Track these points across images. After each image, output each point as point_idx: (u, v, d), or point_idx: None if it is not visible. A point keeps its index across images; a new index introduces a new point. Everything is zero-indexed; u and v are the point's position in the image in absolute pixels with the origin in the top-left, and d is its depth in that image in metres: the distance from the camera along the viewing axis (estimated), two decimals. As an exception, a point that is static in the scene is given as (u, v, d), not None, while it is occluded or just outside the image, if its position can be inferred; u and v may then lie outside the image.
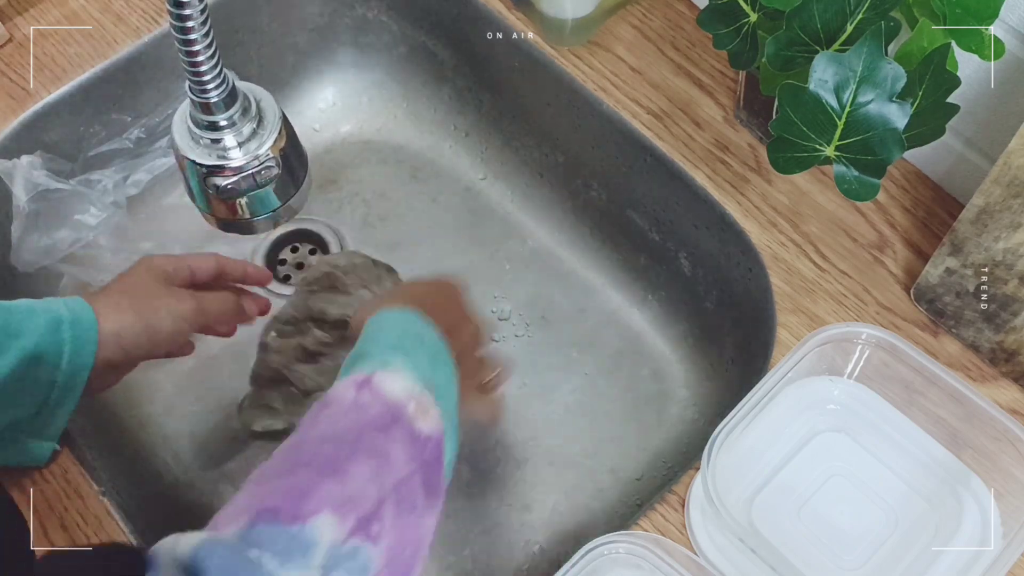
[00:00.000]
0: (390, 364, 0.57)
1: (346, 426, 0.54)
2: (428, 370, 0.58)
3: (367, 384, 0.56)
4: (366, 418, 0.54)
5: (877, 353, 0.73)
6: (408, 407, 0.55)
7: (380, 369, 0.56)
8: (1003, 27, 0.70)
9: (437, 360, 0.60)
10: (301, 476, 0.51)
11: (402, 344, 0.59)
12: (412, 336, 0.61)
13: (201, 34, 0.53)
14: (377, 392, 0.55)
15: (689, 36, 0.91)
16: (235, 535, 0.48)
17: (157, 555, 0.47)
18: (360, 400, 0.55)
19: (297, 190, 0.62)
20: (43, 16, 0.92)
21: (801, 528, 0.70)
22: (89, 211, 0.84)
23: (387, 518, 0.51)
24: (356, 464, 0.52)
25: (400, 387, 0.56)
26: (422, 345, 0.60)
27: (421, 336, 0.61)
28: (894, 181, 0.83)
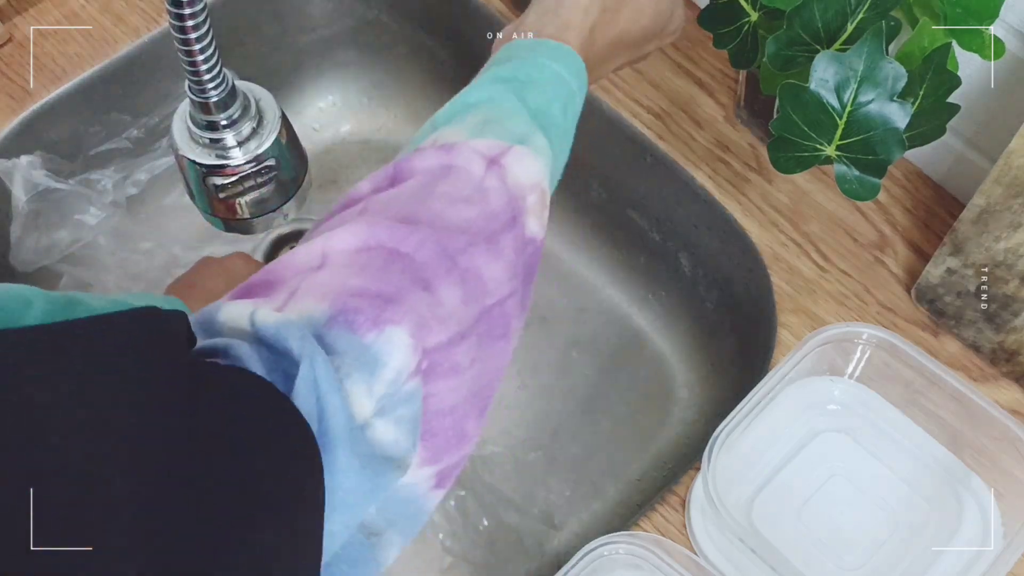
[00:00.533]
0: (527, 140, 0.52)
1: (461, 219, 0.48)
2: (561, 148, 0.54)
3: (496, 163, 0.50)
4: (486, 213, 0.49)
5: (878, 353, 0.73)
6: (528, 198, 0.50)
7: (516, 143, 0.51)
8: (1003, 27, 0.70)
9: (571, 130, 0.56)
10: (394, 279, 0.45)
11: (548, 117, 0.54)
12: (561, 102, 0.55)
13: (200, 34, 0.53)
14: (505, 175, 0.50)
15: (689, 35, 0.91)
16: (315, 323, 0.43)
17: (214, 321, 0.43)
18: (485, 183, 0.50)
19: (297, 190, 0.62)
20: (43, 16, 0.92)
21: (801, 528, 0.70)
22: (89, 211, 0.84)
23: (468, 351, 0.47)
24: (452, 283, 0.46)
25: (529, 174, 0.51)
26: (564, 115, 0.55)
27: (568, 100, 0.56)
28: (895, 181, 0.83)
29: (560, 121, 0.55)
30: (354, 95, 1.04)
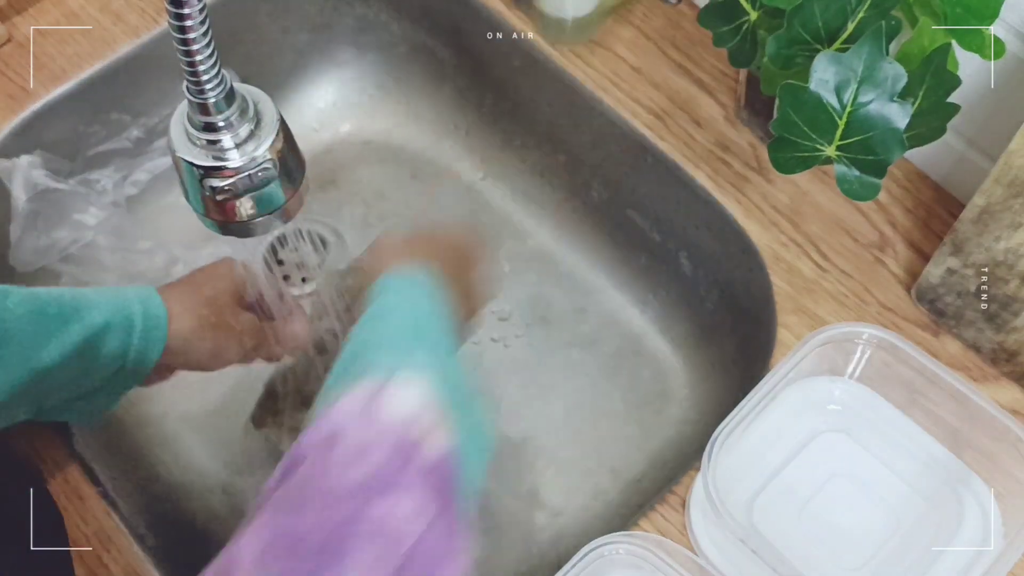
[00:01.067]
0: (399, 368, 0.52)
1: (349, 486, 0.49)
2: (438, 364, 0.55)
3: (374, 408, 0.51)
4: (370, 469, 0.50)
5: (878, 353, 0.73)
6: (417, 426, 0.51)
7: (395, 373, 0.52)
8: (1003, 27, 0.70)
9: (444, 340, 0.57)
10: (305, 567, 0.46)
11: (417, 332, 0.55)
12: (424, 317, 0.57)
13: (199, 34, 0.53)
14: (385, 420, 0.51)
15: (689, 35, 0.91)
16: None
17: None
18: (366, 438, 0.50)
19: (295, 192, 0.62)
20: (43, 16, 0.92)
21: (802, 529, 0.70)
22: (88, 211, 0.84)
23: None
24: (362, 547, 0.47)
25: (410, 401, 0.51)
26: (436, 323, 0.57)
27: (432, 312, 0.57)
28: (895, 181, 0.83)
29: (432, 331, 0.57)
30: (354, 95, 1.04)
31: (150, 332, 0.64)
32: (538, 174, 0.98)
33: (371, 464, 0.50)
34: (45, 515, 0.66)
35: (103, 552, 0.69)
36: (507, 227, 0.98)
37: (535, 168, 0.97)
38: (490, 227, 0.98)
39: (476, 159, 1.01)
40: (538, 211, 0.98)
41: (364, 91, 1.04)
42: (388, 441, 0.51)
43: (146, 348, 0.64)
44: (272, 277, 0.74)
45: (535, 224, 0.98)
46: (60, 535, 0.67)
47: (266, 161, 0.58)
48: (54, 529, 0.68)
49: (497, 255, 0.72)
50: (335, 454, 0.50)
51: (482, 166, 1.00)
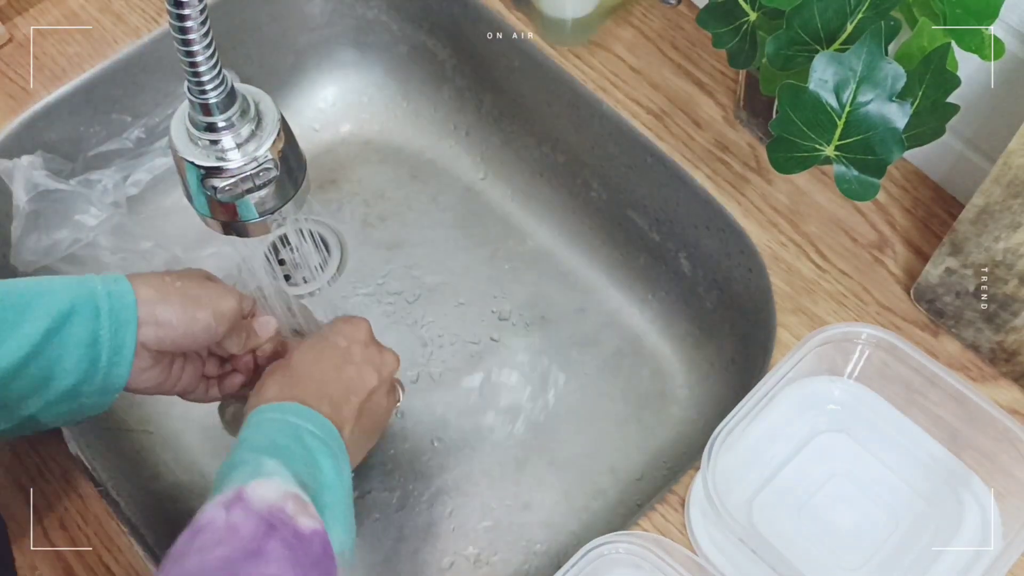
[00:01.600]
0: (260, 471, 0.55)
1: (215, 560, 0.51)
2: (305, 468, 0.57)
3: (238, 500, 0.54)
4: (238, 544, 0.52)
5: (877, 353, 0.73)
6: (286, 507, 0.54)
7: (252, 479, 0.55)
8: (1003, 27, 0.70)
9: (315, 453, 0.59)
10: None
11: (276, 443, 0.58)
12: (287, 432, 0.59)
13: (200, 34, 0.53)
14: (249, 505, 0.53)
15: (689, 36, 0.91)
16: None
17: None
18: (232, 520, 0.53)
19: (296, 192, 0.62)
20: (43, 16, 0.92)
21: (801, 528, 0.70)
22: (89, 211, 0.84)
23: None
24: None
25: (273, 491, 0.54)
26: (298, 441, 0.59)
27: (297, 429, 0.60)
28: (894, 181, 0.83)
29: (292, 445, 0.59)
30: (354, 95, 1.04)
31: (118, 313, 0.61)
32: (538, 174, 0.98)
33: (237, 540, 0.52)
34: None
35: (103, 552, 0.69)
36: (507, 227, 0.98)
37: (535, 168, 0.98)
38: (490, 227, 0.98)
39: (476, 159, 1.01)
40: (538, 211, 0.98)
41: (364, 91, 1.04)
42: (253, 519, 0.53)
43: (118, 329, 0.61)
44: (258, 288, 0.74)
45: (535, 224, 0.98)
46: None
47: (267, 161, 0.58)
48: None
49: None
50: (198, 541, 0.53)
51: (482, 166, 1.01)
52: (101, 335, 0.61)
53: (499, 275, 0.95)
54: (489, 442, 0.87)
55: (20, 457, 0.72)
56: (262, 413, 0.61)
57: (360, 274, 0.95)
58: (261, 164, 0.58)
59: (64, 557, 0.69)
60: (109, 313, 0.61)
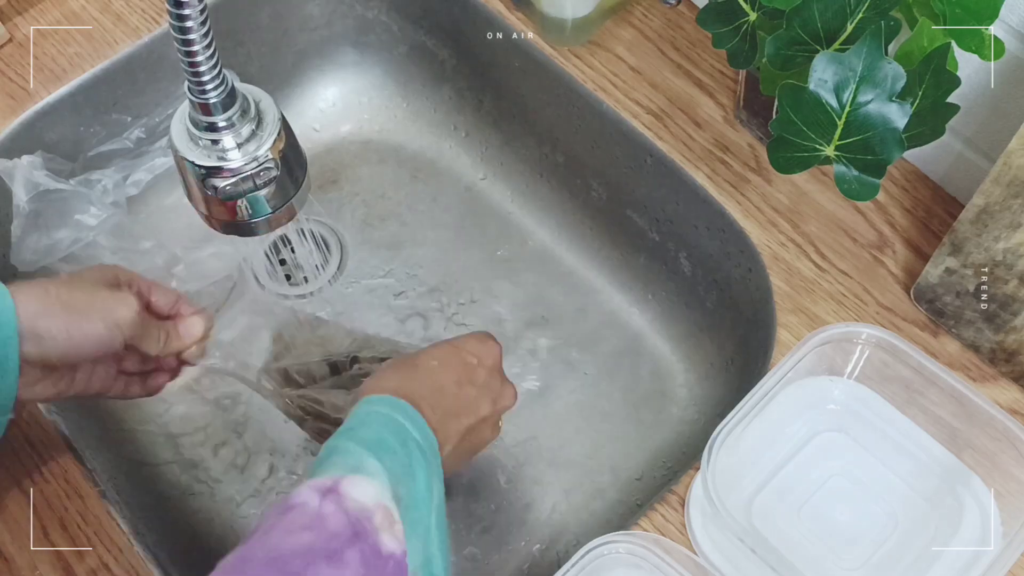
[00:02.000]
0: (362, 468, 0.55)
1: (297, 547, 0.51)
2: (402, 477, 0.56)
3: (333, 492, 0.53)
4: (322, 536, 0.52)
5: (877, 353, 0.73)
6: (375, 517, 0.53)
7: (350, 473, 0.54)
8: (1003, 27, 0.70)
9: (416, 466, 0.58)
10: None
11: (382, 441, 0.57)
12: (394, 432, 0.58)
13: (200, 34, 0.53)
14: (342, 501, 0.53)
15: (689, 36, 0.91)
16: None
17: None
18: (323, 511, 0.53)
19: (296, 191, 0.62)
20: (43, 16, 0.92)
21: (801, 528, 0.70)
22: (89, 211, 0.84)
23: None
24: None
25: (369, 495, 0.54)
26: (402, 445, 0.58)
27: (404, 433, 0.59)
28: (894, 181, 0.83)
29: (397, 448, 0.58)
30: (354, 95, 1.04)
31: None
32: (538, 174, 0.98)
33: (323, 531, 0.52)
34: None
35: (103, 552, 0.69)
36: (507, 227, 0.98)
37: (535, 168, 0.98)
38: (490, 227, 0.98)
39: (476, 159, 1.01)
40: (538, 211, 0.98)
41: (364, 91, 1.04)
42: (343, 518, 0.53)
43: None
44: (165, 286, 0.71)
45: (535, 224, 0.98)
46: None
47: (268, 161, 0.58)
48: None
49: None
50: (287, 519, 0.52)
51: (482, 166, 1.01)
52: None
53: (499, 275, 0.95)
54: (489, 442, 0.87)
55: (20, 457, 0.72)
56: (373, 404, 0.60)
57: (360, 274, 0.96)
58: (262, 164, 0.58)
59: (64, 557, 0.69)
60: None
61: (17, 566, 0.68)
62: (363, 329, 0.86)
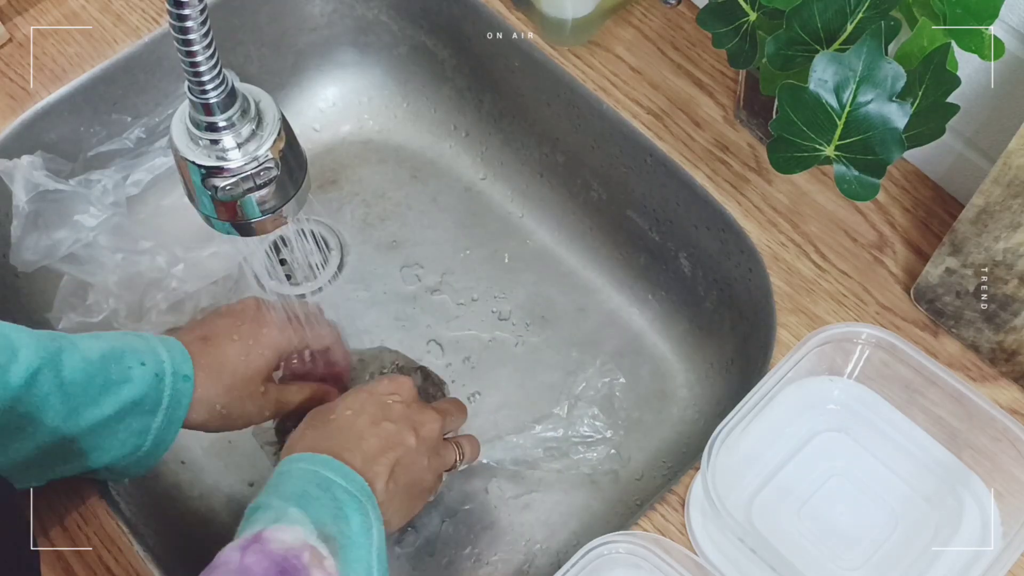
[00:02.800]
0: (282, 517, 0.56)
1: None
2: (331, 520, 0.57)
3: (256, 541, 0.54)
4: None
5: (877, 353, 0.73)
6: (303, 556, 0.54)
7: (273, 524, 0.55)
8: (1003, 27, 0.70)
9: (344, 506, 0.58)
10: None
11: (303, 493, 0.58)
12: (315, 483, 0.59)
13: (200, 34, 0.53)
14: (265, 547, 0.54)
15: (689, 36, 0.91)
16: None
17: None
18: (245, 562, 0.53)
19: (296, 191, 0.62)
20: (43, 16, 0.92)
21: (801, 528, 0.70)
22: (89, 211, 0.84)
23: None
24: None
25: (292, 537, 0.54)
26: (326, 492, 0.59)
27: (327, 481, 0.59)
28: (894, 181, 0.83)
29: (320, 496, 0.59)
30: (354, 95, 1.04)
31: (172, 415, 0.65)
32: (538, 174, 0.98)
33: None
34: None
35: (103, 552, 0.69)
36: (507, 227, 0.98)
37: (535, 168, 0.98)
38: (490, 227, 0.98)
39: (476, 159, 1.01)
40: (538, 211, 0.98)
41: (364, 91, 1.04)
42: (266, 562, 0.53)
43: (165, 433, 0.65)
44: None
45: (535, 224, 0.98)
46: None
47: (268, 161, 0.58)
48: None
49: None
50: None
51: (482, 166, 1.01)
52: (152, 427, 0.65)
53: (499, 275, 0.95)
54: (489, 442, 0.87)
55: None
56: (293, 462, 0.62)
57: (360, 274, 0.96)
58: (262, 164, 0.58)
59: (64, 557, 0.69)
60: (166, 410, 0.65)
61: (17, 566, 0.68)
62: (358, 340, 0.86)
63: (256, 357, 0.70)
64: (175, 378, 0.65)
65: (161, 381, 0.64)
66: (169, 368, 0.65)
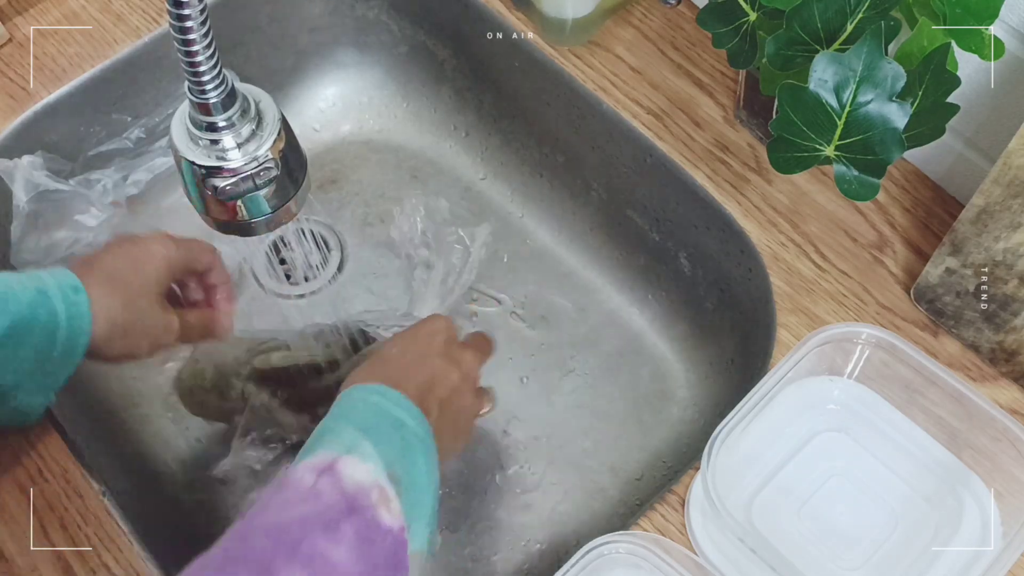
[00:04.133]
0: (356, 449, 0.56)
1: (294, 517, 0.52)
2: (399, 460, 0.57)
3: (329, 470, 0.54)
4: (318, 508, 0.53)
5: (877, 353, 0.73)
6: (371, 495, 0.54)
7: (345, 453, 0.55)
8: (1003, 27, 0.70)
9: (412, 448, 0.59)
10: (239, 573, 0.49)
11: (375, 427, 0.58)
12: (387, 420, 0.59)
13: (200, 34, 0.53)
14: (339, 480, 0.54)
15: (689, 36, 0.91)
16: None
17: None
18: (318, 487, 0.53)
19: (296, 191, 0.62)
20: (43, 16, 0.92)
21: (801, 528, 0.70)
22: (89, 211, 0.84)
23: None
24: (296, 567, 0.50)
25: (364, 474, 0.55)
26: (397, 431, 0.59)
27: (398, 421, 0.60)
28: (894, 181, 0.83)
29: (391, 434, 0.59)
30: (354, 95, 1.04)
31: (74, 325, 0.65)
32: (538, 174, 0.98)
33: (319, 504, 0.53)
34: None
35: (103, 552, 0.69)
36: (507, 227, 0.98)
37: (535, 168, 0.98)
38: (490, 227, 0.98)
39: (476, 159, 1.01)
40: (538, 211, 0.98)
41: (364, 91, 1.04)
42: (338, 494, 0.53)
43: (71, 346, 0.65)
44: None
45: (535, 224, 0.98)
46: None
47: (268, 161, 0.58)
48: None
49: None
50: (283, 495, 0.54)
51: (482, 166, 1.01)
52: (57, 340, 0.65)
53: (499, 275, 0.95)
54: (489, 442, 0.87)
55: (20, 457, 0.72)
56: (355, 392, 0.61)
57: (360, 274, 0.96)
58: (262, 164, 0.58)
59: (64, 557, 0.69)
60: (68, 319, 0.65)
61: (17, 566, 0.68)
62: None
63: (145, 265, 0.70)
64: (63, 291, 0.65)
65: (47, 296, 0.64)
66: (54, 283, 0.65)
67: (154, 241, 0.72)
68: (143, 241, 0.72)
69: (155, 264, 0.71)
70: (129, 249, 0.71)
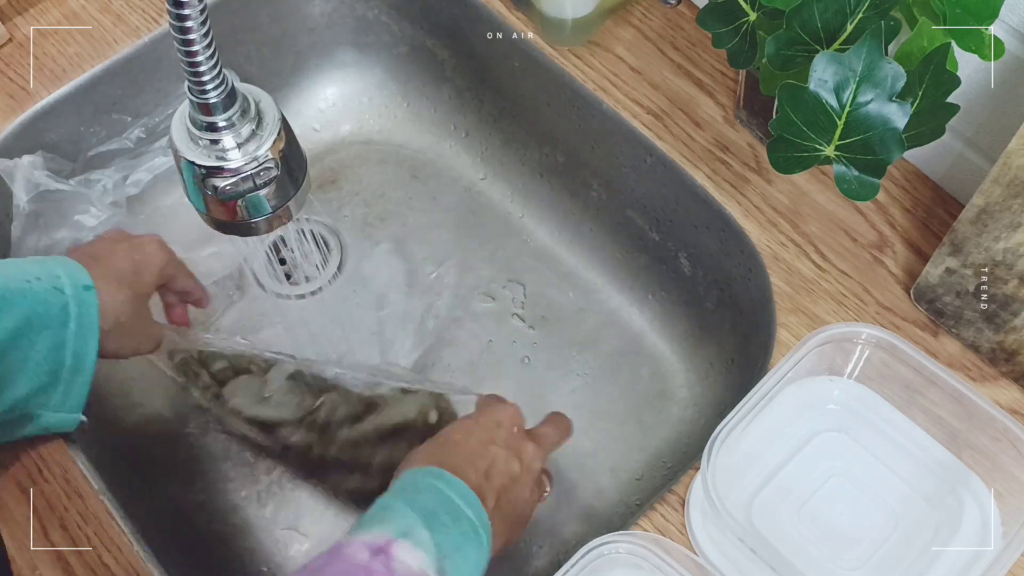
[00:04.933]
0: (411, 534, 0.56)
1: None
2: (451, 554, 0.57)
3: (383, 552, 0.55)
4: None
5: (877, 353, 0.73)
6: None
7: (401, 537, 0.56)
8: (1003, 27, 0.70)
9: (467, 541, 0.59)
10: None
11: (434, 514, 0.58)
12: (447, 508, 0.60)
13: (200, 34, 0.53)
14: (390, 563, 0.54)
15: (689, 36, 0.91)
16: None
17: None
18: (371, 566, 0.54)
19: (296, 191, 0.62)
20: (43, 16, 0.92)
21: (801, 528, 0.70)
22: (89, 211, 0.84)
23: None
24: None
25: (416, 561, 0.55)
26: (455, 523, 0.59)
27: (458, 511, 0.60)
28: (894, 181, 0.83)
29: (449, 525, 0.59)
30: (354, 95, 1.04)
31: (84, 323, 0.66)
32: (538, 174, 0.98)
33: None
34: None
35: (103, 552, 0.69)
36: (507, 227, 0.98)
37: (535, 168, 0.98)
38: (490, 227, 0.98)
39: (476, 159, 1.01)
40: (538, 211, 0.98)
41: (364, 91, 1.04)
42: (389, 573, 0.54)
43: (83, 345, 0.67)
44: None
45: (535, 224, 0.98)
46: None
47: (268, 161, 0.58)
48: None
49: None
50: (336, 566, 0.54)
51: (482, 166, 1.01)
52: (67, 338, 0.66)
53: (499, 275, 0.95)
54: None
55: (20, 457, 0.72)
56: (421, 474, 0.62)
57: (360, 274, 0.95)
58: (262, 164, 0.58)
59: (64, 557, 0.69)
60: (77, 318, 0.66)
61: (17, 566, 0.68)
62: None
63: (143, 271, 0.73)
64: (76, 288, 0.66)
65: (62, 293, 0.65)
66: (68, 281, 0.66)
67: (151, 244, 0.74)
68: (141, 243, 0.74)
69: (152, 270, 0.73)
70: (131, 248, 0.73)
